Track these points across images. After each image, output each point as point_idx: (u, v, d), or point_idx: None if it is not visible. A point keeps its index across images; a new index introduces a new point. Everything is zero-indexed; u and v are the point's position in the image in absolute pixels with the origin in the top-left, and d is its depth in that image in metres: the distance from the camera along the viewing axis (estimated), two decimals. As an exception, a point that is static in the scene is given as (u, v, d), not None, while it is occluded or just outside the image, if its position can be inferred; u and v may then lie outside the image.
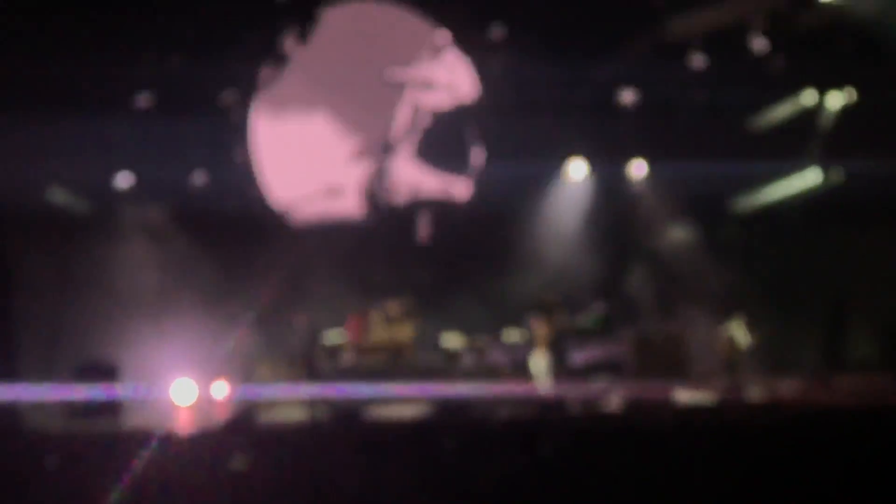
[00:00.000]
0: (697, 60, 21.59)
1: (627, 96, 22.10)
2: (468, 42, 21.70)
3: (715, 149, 22.16)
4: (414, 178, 22.29)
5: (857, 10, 20.40)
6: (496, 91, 21.80)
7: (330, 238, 21.72)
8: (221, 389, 19.68)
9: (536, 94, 21.54)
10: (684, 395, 17.60)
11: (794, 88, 22.13)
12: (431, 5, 21.62)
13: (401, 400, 18.94)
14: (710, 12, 20.57)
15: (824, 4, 20.32)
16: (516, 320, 21.00)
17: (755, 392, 17.04)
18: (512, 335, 21.05)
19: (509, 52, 21.23)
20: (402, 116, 22.04)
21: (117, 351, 19.05)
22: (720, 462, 9.91)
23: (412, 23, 21.90)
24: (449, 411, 14.77)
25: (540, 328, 20.14)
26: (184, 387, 19.13)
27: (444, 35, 21.78)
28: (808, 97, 22.10)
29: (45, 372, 19.27)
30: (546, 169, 22.87)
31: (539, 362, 19.93)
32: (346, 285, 21.64)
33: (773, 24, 21.05)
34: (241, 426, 13.59)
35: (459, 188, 22.36)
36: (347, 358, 20.75)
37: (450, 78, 22.06)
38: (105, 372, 18.19)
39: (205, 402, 19.14)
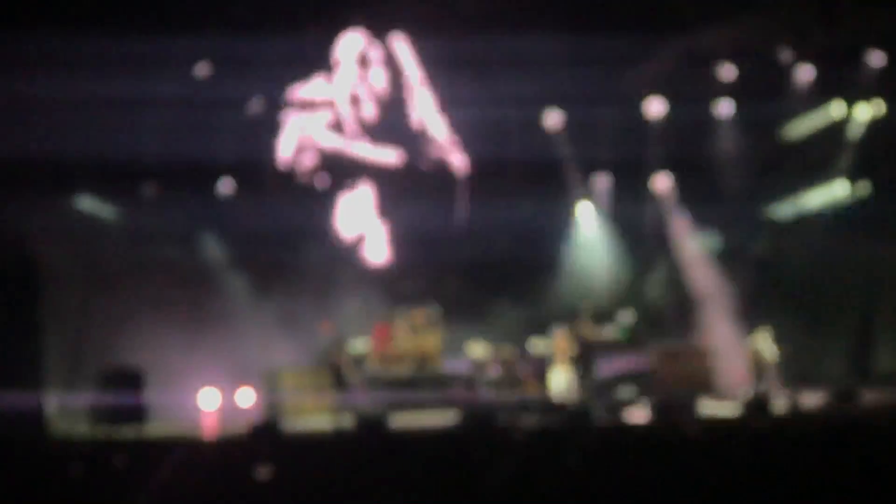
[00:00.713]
0: (725, 72, 21.58)
1: (653, 107, 22.05)
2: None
3: (742, 161, 22.15)
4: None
5: (884, 23, 20.37)
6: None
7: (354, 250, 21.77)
8: (247, 397, 19.72)
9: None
10: (710, 407, 17.54)
11: (822, 100, 22.06)
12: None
13: (426, 408, 18.94)
14: (739, 24, 20.52)
15: (852, 18, 20.28)
16: (543, 330, 20.91)
17: (781, 404, 16.95)
18: (538, 346, 20.94)
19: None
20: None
21: (143, 358, 19.06)
22: (745, 474, 9.85)
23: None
24: (475, 420, 14.74)
25: (561, 341, 20.05)
26: (209, 394, 19.18)
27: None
28: (837, 109, 22.01)
29: (71, 379, 19.34)
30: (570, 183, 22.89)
31: (559, 376, 19.83)
32: (372, 293, 21.63)
33: (802, 37, 21.03)
34: (266, 434, 13.60)
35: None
36: (373, 366, 20.72)
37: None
38: (130, 379, 18.21)
39: (230, 410, 19.18)
